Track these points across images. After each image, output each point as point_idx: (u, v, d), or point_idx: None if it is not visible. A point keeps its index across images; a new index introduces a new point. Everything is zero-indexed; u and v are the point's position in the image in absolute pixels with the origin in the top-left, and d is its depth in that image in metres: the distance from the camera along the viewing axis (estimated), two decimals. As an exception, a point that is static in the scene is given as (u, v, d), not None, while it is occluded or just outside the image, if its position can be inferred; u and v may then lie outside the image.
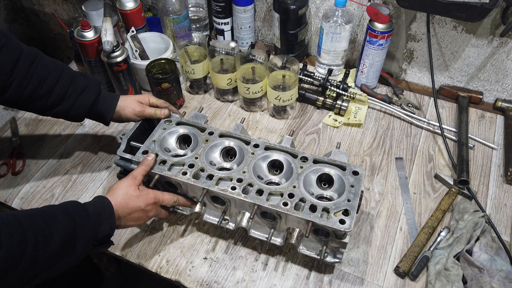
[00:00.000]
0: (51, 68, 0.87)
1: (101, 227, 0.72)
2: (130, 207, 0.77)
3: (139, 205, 0.78)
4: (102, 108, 0.92)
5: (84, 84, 0.89)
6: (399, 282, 0.83)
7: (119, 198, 0.76)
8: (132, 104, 0.93)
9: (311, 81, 1.15)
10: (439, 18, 1.08)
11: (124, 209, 0.76)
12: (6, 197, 0.99)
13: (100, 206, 0.74)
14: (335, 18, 1.12)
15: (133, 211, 0.77)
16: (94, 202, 0.74)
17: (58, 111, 0.88)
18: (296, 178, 0.80)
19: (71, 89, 0.88)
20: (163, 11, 1.22)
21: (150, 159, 0.82)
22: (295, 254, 0.87)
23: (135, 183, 0.79)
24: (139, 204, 0.78)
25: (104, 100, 0.92)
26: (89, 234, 0.69)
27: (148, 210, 0.80)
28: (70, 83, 0.88)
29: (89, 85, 0.90)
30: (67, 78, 0.88)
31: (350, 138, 1.10)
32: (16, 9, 1.78)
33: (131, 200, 0.77)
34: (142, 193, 0.79)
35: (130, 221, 0.79)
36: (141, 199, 0.78)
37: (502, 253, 0.84)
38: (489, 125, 1.11)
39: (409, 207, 0.95)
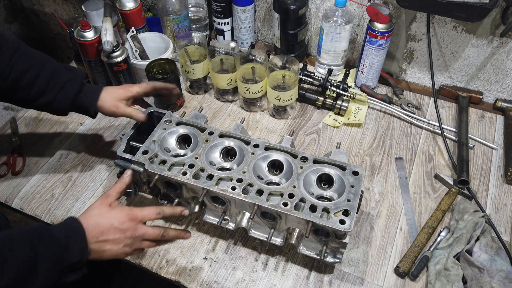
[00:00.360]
0: (33, 60, 0.86)
1: (70, 253, 0.64)
2: (102, 226, 0.69)
3: (111, 222, 0.70)
4: (85, 101, 0.89)
5: (67, 77, 0.88)
6: (399, 282, 0.83)
7: (90, 218, 0.70)
8: (109, 102, 0.89)
9: (311, 81, 1.15)
10: (439, 18, 1.08)
11: (95, 229, 0.69)
12: (6, 197, 0.99)
13: (69, 228, 0.67)
14: (335, 18, 1.12)
15: (106, 230, 0.69)
16: (63, 224, 0.68)
17: (41, 103, 0.87)
18: (296, 178, 0.80)
19: (53, 81, 0.86)
20: (163, 11, 1.22)
21: (126, 176, 0.79)
22: (295, 254, 0.87)
23: (107, 201, 0.73)
24: (112, 221, 0.70)
25: (87, 93, 0.89)
26: (52, 262, 0.62)
27: (125, 230, 0.71)
28: (53, 75, 0.86)
29: (72, 77, 0.88)
30: (50, 70, 0.86)
31: (350, 138, 1.10)
32: (16, 9, 1.78)
33: (102, 219, 0.70)
34: (115, 210, 0.72)
35: (106, 244, 0.69)
36: (114, 216, 0.71)
37: (502, 253, 0.84)
38: (489, 125, 1.11)
39: (409, 207, 0.95)
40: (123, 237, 0.71)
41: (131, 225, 0.71)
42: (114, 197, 0.75)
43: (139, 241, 0.73)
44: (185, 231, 0.79)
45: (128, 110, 0.90)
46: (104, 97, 0.90)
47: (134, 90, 0.92)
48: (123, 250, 0.71)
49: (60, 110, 0.90)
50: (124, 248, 0.71)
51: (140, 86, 0.93)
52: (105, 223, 0.70)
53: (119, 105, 0.89)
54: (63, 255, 0.64)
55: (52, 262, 0.62)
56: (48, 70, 0.86)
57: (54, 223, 0.94)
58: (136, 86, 0.92)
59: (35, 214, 0.96)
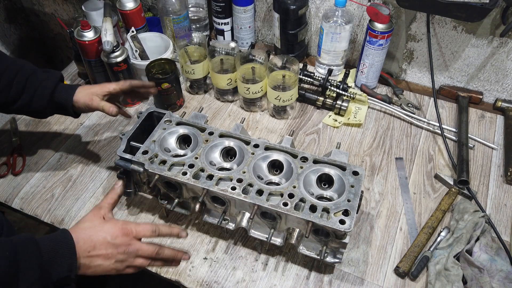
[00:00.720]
0: (10, 63, 0.88)
1: (57, 267, 0.61)
2: (94, 240, 0.66)
3: (104, 236, 0.67)
4: (61, 98, 0.89)
5: (42, 77, 0.89)
6: (399, 282, 0.83)
7: (82, 232, 0.66)
8: (84, 97, 0.90)
9: (311, 81, 1.15)
10: (439, 18, 1.08)
11: (87, 243, 0.65)
12: (6, 197, 0.99)
13: (58, 241, 0.63)
14: (335, 18, 1.12)
15: (98, 244, 0.66)
16: (52, 237, 0.64)
17: (20, 105, 0.88)
18: (296, 178, 0.80)
19: (29, 82, 0.87)
20: (163, 11, 1.22)
21: (117, 187, 0.78)
22: (295, 254, 0.87)
23: (100, 213, 0.71)
24: (105, 235, 0.67)
25: (63, 90, 0.90)
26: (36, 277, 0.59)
27: (118, 245, 0.67)
28: (29, 76, 0.88)
29: (48, 77, 0.89)
30: (26, 72, 0.88)
31: (350, 138, 1.10)
32: (16, 9, 1.78)
33: (94, 232, 0.67)
34: (108, 223, 0.69)
35: (97, 259, 0.66)
36: (107, 229, 0.68)
37: (502, 253, 0.84)
38: (489, 125, 1.11)
39: (409, 207, 0.95)
40: (115, 253, 0.67)
41: (125, 240, 0.68)
42: (107, 209, 0.73)
43: (132, 258, 0.69)
44: (183, 252, 0.75)
45: (101, 104, 0.89)
46: (80, 92, 0.90)
47: (110, 86, 0.92)
48: (115, 266, 0.68)
49: (39, 110, 0.90)
50: (116, 264, 0.68)
51: (117, 83, 0.93)
52: (97, 236, 0.67)
53: (93, 98, 0.89)
54: (49, 270, 0.61)
55: (35, 276, 0.59)
56: (25, 72, 0.88)
57: (54, 223, 0.94)
58: (113, 83, 0.93)
59: (35, 214, 0.96)
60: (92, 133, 1.13)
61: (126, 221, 0.71)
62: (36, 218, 0.96)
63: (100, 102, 0.89)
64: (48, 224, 0.95)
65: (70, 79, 1.29)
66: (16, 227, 1.85)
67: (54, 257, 0.62)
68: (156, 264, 0.73)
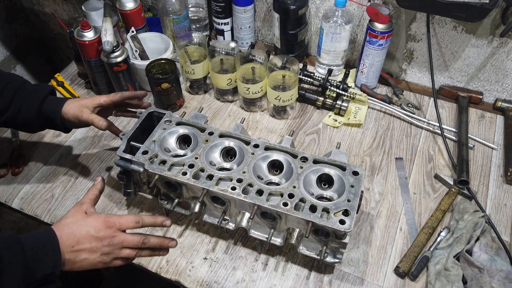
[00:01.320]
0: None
1: (40, 265, 0.61)
2: (77, 234, 0.66)
3: (87, 230, 0.67)
4: (49, 110, 0.87)
5: (31, 89, 0.87)
6: (399, 282, 0.83)
7: (64, 227, 0.66)
8: (74, 108, 0.88)
9: (311, 81, 1.15)
10: (439, 18, 1.08)
11: (70, 238, 0.65)
12: (6, 197, 0.99)
13: (41, 239, 0.64)
14: (335, 18, 1.12)
15: (81, 239, 0.66)
16: (35, 234, 0.64)
17: (8, 117, 0.86)
18: (296, 178, 0.80)
19: (18, 95, 0.86)
20: (163, 11, 1.22)
21: (98, 182, 0.76)
22: (295, 254, 0.87)
23: (81, 208, 0.70)
24: (88, 229, 0.67)
25: (51, 102, 0.88)
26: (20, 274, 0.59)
27: (102, 238, 0.67)
28: (18, 89, 0.86)
29: (37, 89, 0.88)
30: (15, 85, 0.87)
31: (350, 138, 1.10)
32: (16, 9, 1.78)
33: (77, 227, 0.67)
34: (91, 217, 0.69)
35: (81, 253, 0.66)
36: (90, 223, 0.68)
37: (502, 253, 0.84)
38: (489, 125, 1.11)
39: (409, 207, 0.95)
40: (100, 246, 0.67)
41: (109, 233, 0.68)
42: (89, 204, 0.72)
43: (118, 249, 0.69)
44: (170, 239, 0.75)
45: (91, 116, 0.87)
46: (69, 104, 0.88)
47: (101, 99, 0.91)
48: (101, 259, 0.68)
49: (27, 123, 0.88)
50: (102, 257, 0.68)
51: (108, 96, 0.92)
52: (80, 231, 0.66)
53: (84, 110, 0.88)
54: (33, 267, 0.61)
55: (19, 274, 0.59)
56: (13, 85, 0.87)
57: (54, 223, 0.93)
58: (104, 96, 0.91)
59: (35, 214, 0.96)
60: (92, 133, 1.12)
61: (108, 214, 0.71)
62: (36, 218, 0.96)
63: (90, 114, 0.88)
64: (48, 224, 0.95)
65: (70, 79, 1.29)
66: (16, 227, 1.86)
67: (37, 255, 0.61)
68: (143, 254, 0.73)
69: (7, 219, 1.89)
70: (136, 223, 0.71)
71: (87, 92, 1.25)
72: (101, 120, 0.88)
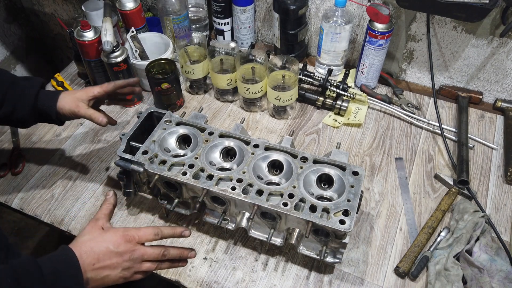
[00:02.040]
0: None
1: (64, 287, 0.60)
2: (97, 251, 0.64)
3: (107, 245, 0.65)
4: (44, 105, 0.86)
5: (23, 85, 0.86)
6: (399, 282, 0.83)
7: (83, 245, 0.64)
8: (69, 103, 0.86)
9: (311, 81, 1.15)
10: (439, 18, 1.08)
11: (90, 256, 0.63)
12: (6, 197, 0.99)
13: (61, 261, 0.62)
14: (335, 18, 1.12)
15: (101, 255, 0.64)
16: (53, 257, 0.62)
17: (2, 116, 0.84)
18: (296, 178, 0.80)
19: (11, 91, 0.84)
20: (163, 11, 1.22)
21: (110, 197, 0.74)
22: (295, 254, 0.87)
23: (97, 224, 0.69)
24: (107, 245, 0.65)
25: (45, 97, 0.87)
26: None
27: (122, 253, 0.65)
28: (10, 85, 0.85)
29: (29, 85, 0.86)
30: (6, 82, 0.85)
31: (350, 138, 1.10)
32: (16, 9, 1.78)
33: (96, 244, 0.65)
34: (108, 233, 0.67)
35: (103, 270, 0.64)
36: (108, 239, 0.66)
37: (502, 253, 0.84)
38: (489, 125, 1.11)
39: (409, 207, 0.95)
40: (120, 261, 0.65)
41: (128, 247, 0.66)
42: (104, 219, 0.70)
43: (138, 263, 0.68)
44: (189, 250, 0.73)
45: (89, 112, 0.86)
46: (63, 99, 0.87)
47: (95, 90, 0.89)
48: (122, 274, 0.66)
49: (22, 120, 0.87)
50: (123, 272, 0.66)
51: (101, 86, 0.90)
52: (99, 247, 0.65)
53: (80, 105, 0.86)
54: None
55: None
56: (5, 81, 0.85)
57: (54, 223, 0.94)
58: (97, 87, 0.90)
59: (35, 214, 0.96)
60: (92, 133, 1.13)
61: (126, 228, 0.69)
62: (36, 218, 0.96)
63: (87, 110, 0.86)
64: (48, 224, 0.95)
65: (70, 79, 1.29)
66: (16, 227, 1.86)
67: (58, 278, 0.60)
68: (163, 267, 0.72)
69: (7, 219, 1.89)
70: (156, 236, 0.69)
71: (87, 92, 1.25)
72: (100, 116, 0.87)
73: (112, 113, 1.17)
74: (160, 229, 0.70)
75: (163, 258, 0.70)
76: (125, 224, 0.93)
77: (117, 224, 0.93)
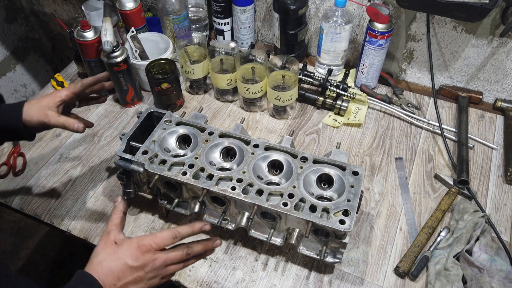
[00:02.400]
0: None
1: None
2: (115, 270, 0.60)
3: (124, 261, 0.61)
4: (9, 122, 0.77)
5: None
6: (399, 282, 0.83)
7: (99, 266, 0.60)
8: (37, 113, 0.77)
9: (311, 81, 1.15)
10: (439, 18, 1.08)
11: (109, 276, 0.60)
12: (6, 197, 0.99)
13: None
14: (335, 18, 1.12)
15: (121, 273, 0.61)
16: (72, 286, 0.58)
17: None
18: (296, 178, 0.80)
19: None
20: (163, 11, 1.22)
21: (118, 203, 0.69)
22: (295, 254, 0.87)
23: (110, 239, 0.64)
24: (124, 260, 0.61)
25: (7, 111, 0.78)
26: None
27: (143, 265, 0.62)
28: None
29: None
30: None
31: (350, 138, 1.10)
32: (16, 9, 1.78)
33: (112, 262, 0.61)
34: (122, 247, 0.62)
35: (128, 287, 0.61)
36: (124, 254, 0.62)
37: (502, 253, 0.84)
38: (489, 125, 1.11)
39: (409, 207, 0.95)
40: (143, 274, 0.62)
41: (148, 258, 0.62)
42: (116, 231, 0.65)
43: (163, 269, 0.64)
44: (213, 240, 0.69)
45: (61, 120, 0.77)
46: (29, 110, 0.78)
47: (62, 94, 0.81)
48: (150, 283, 0.63)
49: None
50: (149, 282, 0.63)
51: (68, 88, 0.82)
52: (117, 265, 0.61)
53: (48, 113, 0.77)
54: None
55: None
56: None
57: (54, 223, 0.94)
58: (64, 89, 0.82)
59: (35, 214, 0.96)
60: (92, 133, 1.13)
61: (141, 237, 0.64)
62: (36, 218, 0.96)
63: (58, 118, 0.77)
64: (48, 224, 0.95)
65: (70, 79, 1.29)
66: (16, 227, 1.86)
67: None
68: (190, 263, 0.68)
69: (7, 219, 1.89)
70: (174, 239, 0.65)
71: (87, 92, 1.24)
72: (75, 122, 0.77)
73: (111, 113, 1.17)
74: (177, 230, 0.66)
75: (188, 257, 0.67)
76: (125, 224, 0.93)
77: (117, 224, 0.93)
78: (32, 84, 1.93)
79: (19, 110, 0.77)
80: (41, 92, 1.25)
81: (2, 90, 1.79)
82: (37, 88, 1.96)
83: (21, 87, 1.88)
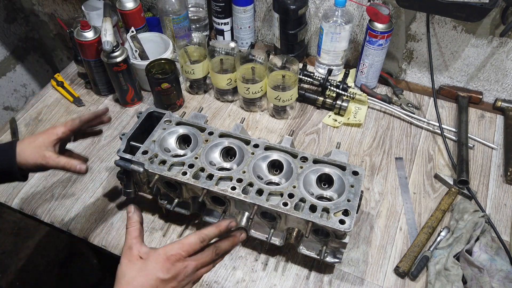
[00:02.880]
0: None
1: None
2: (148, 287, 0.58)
3: (155, 276, 0.58)
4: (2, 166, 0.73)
5: None
6: (399, 282, 0.83)
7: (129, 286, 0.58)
8: (33, 155, 0.73)
9: (311, 81, 1.15)
10: (439, 18, 1.08)
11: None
12: (6, 197, 0.99)
13: None
14: (335, 18, 1.12)
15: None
16: None
17: None
18: (296, 178, 0.80)
19: None
20: (163, 11, 1.22)
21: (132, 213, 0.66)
22: (295, 254, 0.87)
23: (133, 254, 0.60)
24: (155, 275, 0.58)
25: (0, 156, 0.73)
26: None
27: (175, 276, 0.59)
28: None
29: None
30: None
31: (350, 138, 1.10)
32: (16, 9, 1.78)
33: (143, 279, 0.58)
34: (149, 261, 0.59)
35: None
36: (153, 268, 0.59)
37: (502, 253, 0.84)
38: (489, 125, 1.11)
39: (409, 207, 0.95)
40: (176, 284, 0.60)
41: (179, 267, 0.60)
42: (137, 244, 0.62)
43: (194, 274, 0.62)
44: (239, 234, 0.68)
45: (61, 162, 0.73)
46: (24, 152, 0.73)
47: (58, 131, 0.76)
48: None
49: None
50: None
51: (65, 125, 0.77)
52: (149, 281, 0.58)
53: (46, 155, 0.73)
54: None
55: None
56: None
57: (54, 223, 0.94)
58: (60, 126, 0.77)
59: (35, 214, 0.96)
60: (92, 133, 1.12)
61: (167, 246, 0.61)
62: (36, 218, 0.96)
63: (57, 159, 0.73)
64: (48, 224, 0.95)
65: (70, 79, 1.29)
66: (16, 227, 1.86)
67: None
68: (218, 262, 0.67)
69: (7, 219, 1.89)
70: (202, 243, 0.63)
71: (87, 92, 1.24)
72: (77, 163, 0.74)
73: (111, 113, 1.17)
74: (204, 233, 0.63)
75: (216, 258, 0.66)
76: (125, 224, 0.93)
77: (117, 225, 0.93)
78: (32, 84, 1.94)
79: (12, 151, 0.73)
80: (41, 92, 1.25)
81: (2, 90, 1.79)
82: (37, 88, 1.96)
83: (21, 87, 1.89)
